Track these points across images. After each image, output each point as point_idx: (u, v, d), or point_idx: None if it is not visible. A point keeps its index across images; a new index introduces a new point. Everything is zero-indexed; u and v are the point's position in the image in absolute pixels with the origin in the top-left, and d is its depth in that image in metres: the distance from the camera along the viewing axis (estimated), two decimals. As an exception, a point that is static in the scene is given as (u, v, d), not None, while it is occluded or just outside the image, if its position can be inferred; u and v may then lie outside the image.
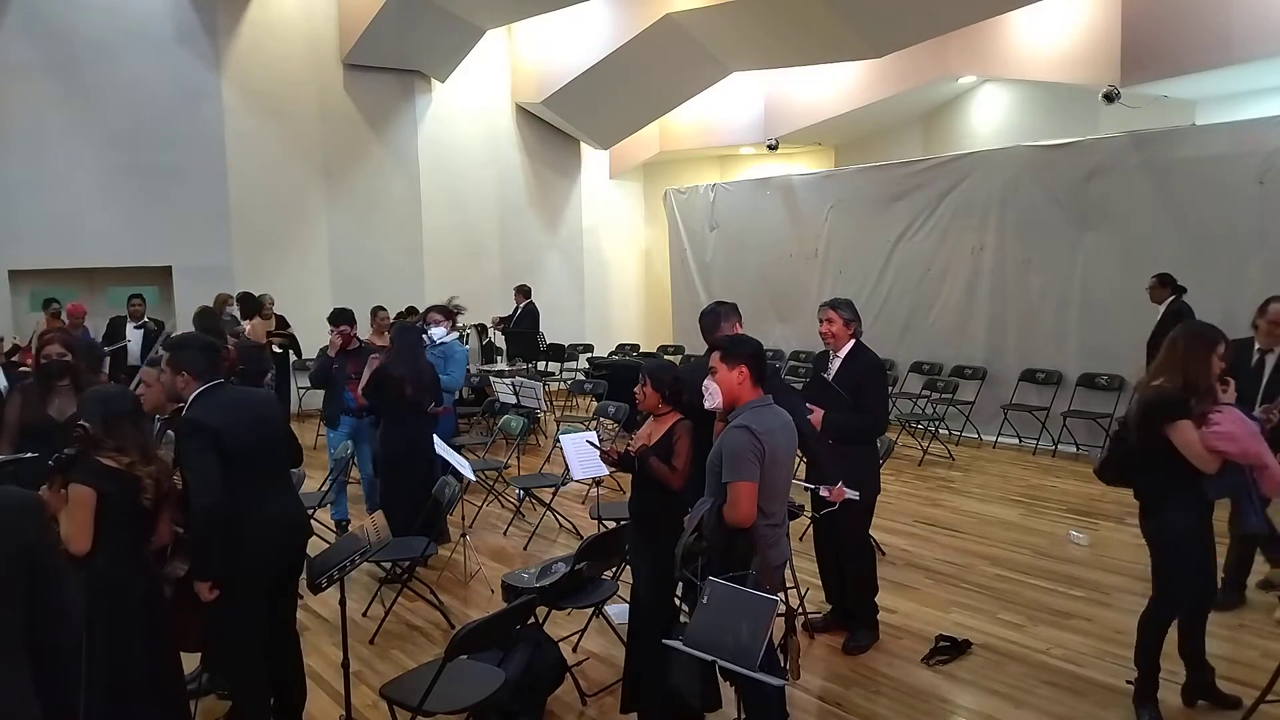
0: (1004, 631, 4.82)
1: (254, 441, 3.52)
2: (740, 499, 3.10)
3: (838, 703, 4.13)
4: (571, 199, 14.27)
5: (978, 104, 12.53)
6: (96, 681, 3.11)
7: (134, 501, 3.18)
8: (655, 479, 3.69)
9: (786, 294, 11.87)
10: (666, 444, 3.71)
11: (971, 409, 9.47)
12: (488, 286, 13.04)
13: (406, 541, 5.10)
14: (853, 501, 4.35)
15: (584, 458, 5.56)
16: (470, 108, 12.98)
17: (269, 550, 3.52)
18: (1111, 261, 8.64)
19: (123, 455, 3.17)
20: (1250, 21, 8.53)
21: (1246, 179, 7.70)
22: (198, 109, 10.80)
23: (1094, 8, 9.76)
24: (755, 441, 3.14)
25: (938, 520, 6.93)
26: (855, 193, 11.09)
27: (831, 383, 4.61)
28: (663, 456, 3.69)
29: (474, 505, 7.10)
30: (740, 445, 3.14)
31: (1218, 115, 9.81)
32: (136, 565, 3.24)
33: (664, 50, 11.34)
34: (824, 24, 9.81)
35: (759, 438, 3.15)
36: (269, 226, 11.42)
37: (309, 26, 11.55)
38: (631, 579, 4.00)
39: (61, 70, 10.02)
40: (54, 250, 10.03)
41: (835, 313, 4.64)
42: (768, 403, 3.33)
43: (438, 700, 3.14)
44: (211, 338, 4.18)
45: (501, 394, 8.62)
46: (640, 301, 15.41)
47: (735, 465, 3.12)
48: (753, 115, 13.67)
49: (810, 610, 4.89)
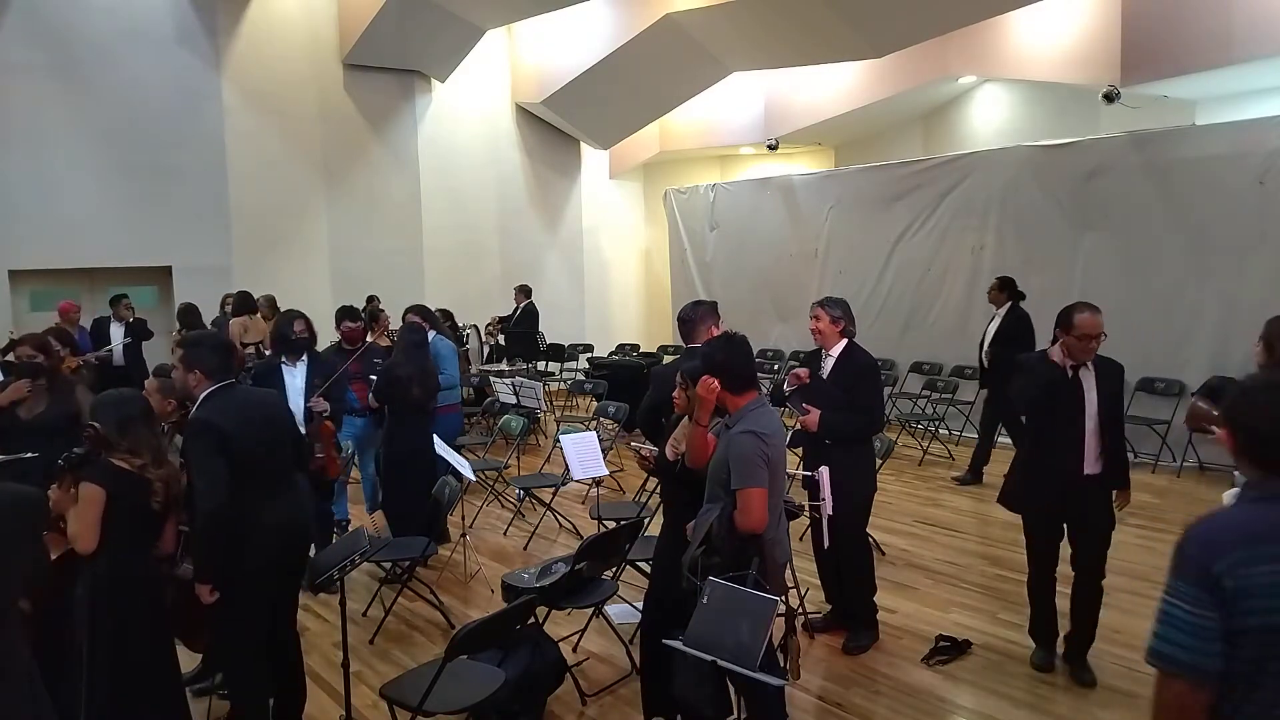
0: (1004, 631, 4.82)
1: (262, 444, 3.50)
2: (753, 505, 3.08)
3: (838, 703, 4.13)
4: (571, 199, 14.27)
5: (978, 104, 12.52)
6: (98, 681, 3.12)
7: (143, 503, 3.18)
8: (693, 481, 3.65)
9: (786, 294, 11.87)
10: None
11: (971, 409, 9.47)
12: (488, 286, 13.05)
13: (406, 541, 5.11)
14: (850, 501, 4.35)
15: (584, 458, 5.57)
16: (470, 108, 12.98)
17: (272, 554, 3.51)
18: (1111, 261, 8.64)
19: (135, 457, 3.18)
20: (1250, 21, 8.53)
21: (1246, 179, 7.70)
22: (198, 109, 10.80)
23: (1094, 8, 9.76)
24: (763, 446, 3.13)
25: (938, 520, 6.93)
26: (855, 193, 11.09)
27: (826, 382, 4.61)
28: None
29: (474, 505, 7.10)
30: (749, 451, 3.12)
31: (1218, 115, 9.80)
32: (141, 566, 3.24)
33: (664, 50, 11.33)
34: (824, 24, 9.81)
35: (765, 441, 3.15)
36: (269, 226, 11.42)
37: (309, 26, 11.55)
38: (651, 580, 3.98)
39: (61, 70, 10.02)
40: (54, 250, 10.02)
41: (823, 310, 4.66)
42: (762, 403, 3.34)
43: (438, 700, 3.14)
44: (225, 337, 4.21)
45: (501, 394, 8.62)
46: (640, 301, 15.41)
47: (746, 472, 3.10)
48: (753, 115, 13.67)
49: (810, 610, 4.89)
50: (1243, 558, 1.75)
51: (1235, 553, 1.76)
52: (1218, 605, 1.75)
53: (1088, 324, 4.01)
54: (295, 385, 5.53)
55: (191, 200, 10.80)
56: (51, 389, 4.37)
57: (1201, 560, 1.78)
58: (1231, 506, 2.04)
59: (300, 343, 5.65)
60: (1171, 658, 1.81)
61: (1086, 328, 4.00)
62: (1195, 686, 1.79)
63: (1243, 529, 1.82)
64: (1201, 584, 1.77)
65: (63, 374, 4.68)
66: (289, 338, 5.62)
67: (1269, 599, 1.74)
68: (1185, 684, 1.81)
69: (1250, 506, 1.86)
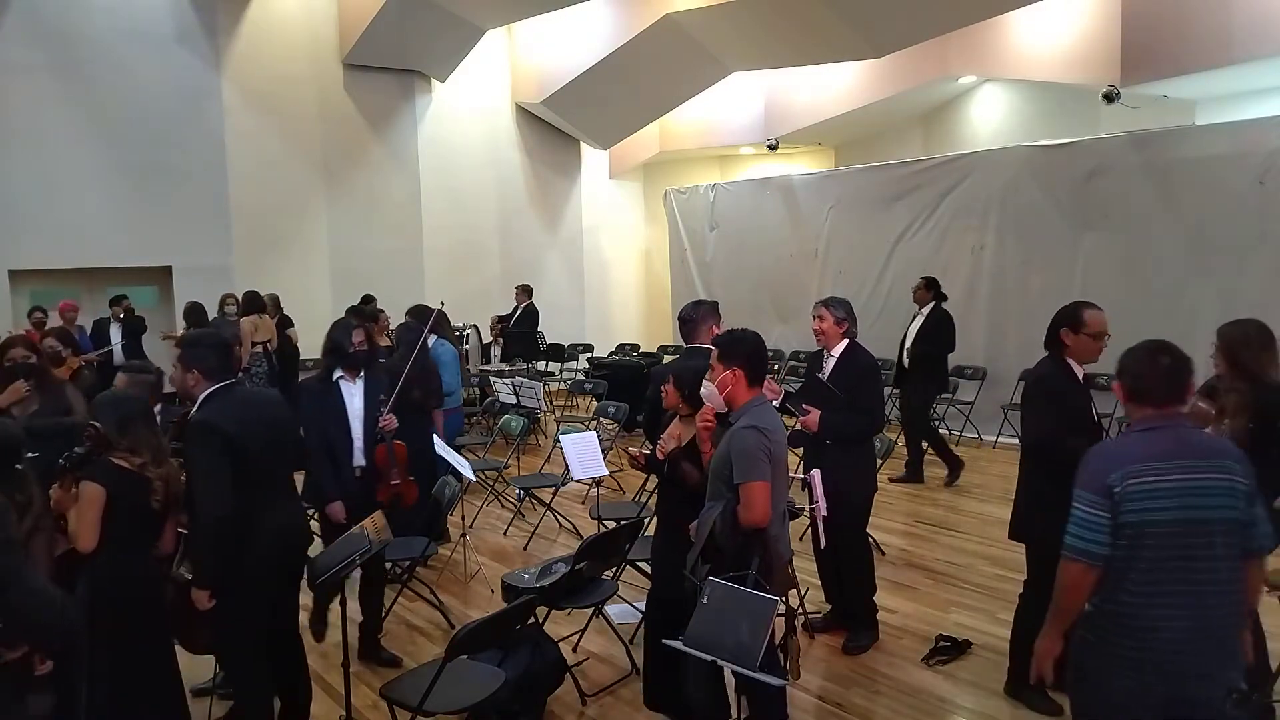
0: (1004, 631, 4.78)
1: (264, 446, 3.46)
2: (755, 499, 3.09)
3: (838, 703, 4.13)
4: (571, 199, 14.27)
5: (978, 104, 12.52)
6: (98, 680, 3.12)
7: (143, 503, 3.18)
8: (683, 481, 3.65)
9: (786, 294, 11.87)
10: (695, 444, 3.67)
11: (971, 409, 9.47)
12: (488, 286, 13.05)
13: (406, 541, 5.10)
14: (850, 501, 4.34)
15: (584, 458, 5.57)
16: (470, 108, 12.98)
17: (273, 556, 3.50)
18: (1111, 261, 8.64)
19: (135, 456, 3.19)
20: (1250, 21, 8.53)
21: (1246, 179, 7.70)
22: (198, 109, 10.80)
23: (1094, 8, 9.76)
24: (765, 440, 3.14)
25: (938, 520, 6.93)
26: (855, 193, 11.09)
27: (826, 383, 4.61)
28: (691, 457, 3.65)
29: (474, 505, 7.10)
30: (752, 445, 3.13)
31: (1218, 115, 9.81)
32: (140, 566, 3.25)
33: (664, 50, 11.34)
34: (824, 24, 9.81)
35: (768, 436, 3.15)
36: (269, 226, 11.41)
37: (309, 26, 11.55)
38: (652, 579, 3.98)
39: (62, 70, 10.02)
40: (54, 250, 10.02)
41: (827, 310, 4.65)
42: (764, 400, 3.34)
43: (438, 700, 3.14)
44: (225, 336, 4.16)
45: (501, 394, 8.62)
46: (640, 301, 15.41)
47: (748, 466, 3.11)
48: (753, 115, 13.67)
49: (810, 610, 4.89)
50: (1127, 471, 2.44)
51: (1122, 468, 2.45)
52: (1109, 507, 2.45)
53: (1099, 321, 3.77)
54: (355, 407, 4.65)
55: (191, 200, 10.80)
56: (42, 389, 4.37)
57: (1099, 473, 2.49)
58: (1120, 436, 2.83)
59: (359, 356, 4.69)
60: (1071, 545, 2.51)
61: (1099, 324, 3.76)
62: (1087, 568, 2.49)
63: (1128, 451, 2.51)
64: (1097, 491, 2.47)
65: (52, 373, 4.68)
66: (346, 350, 4.65)
67: (1140, 502, 2.42)
68: (1080, 566, 2.50)
69: (1135, 435, 2.56)
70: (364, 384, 4.71)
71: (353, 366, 4.68)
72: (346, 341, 4.66)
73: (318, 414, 4.56)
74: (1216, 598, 2.43)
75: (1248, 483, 2.48)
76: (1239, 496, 2.45)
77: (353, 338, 4.68)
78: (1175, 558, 2.42)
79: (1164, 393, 2.53)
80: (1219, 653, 2.45)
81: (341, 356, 4.67)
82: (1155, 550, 2.41)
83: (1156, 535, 2.41)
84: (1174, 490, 2.41)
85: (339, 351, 4.68)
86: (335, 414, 4.58)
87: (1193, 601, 2.42)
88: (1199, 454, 2.47)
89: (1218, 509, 2.43)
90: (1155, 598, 2.42)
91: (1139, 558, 2.43)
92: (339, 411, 4.59)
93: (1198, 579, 2.42)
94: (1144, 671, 2.43)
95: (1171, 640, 2.41)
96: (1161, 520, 2.41)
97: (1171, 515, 2.41)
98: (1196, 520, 2.42)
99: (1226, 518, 2.43)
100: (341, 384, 4.66)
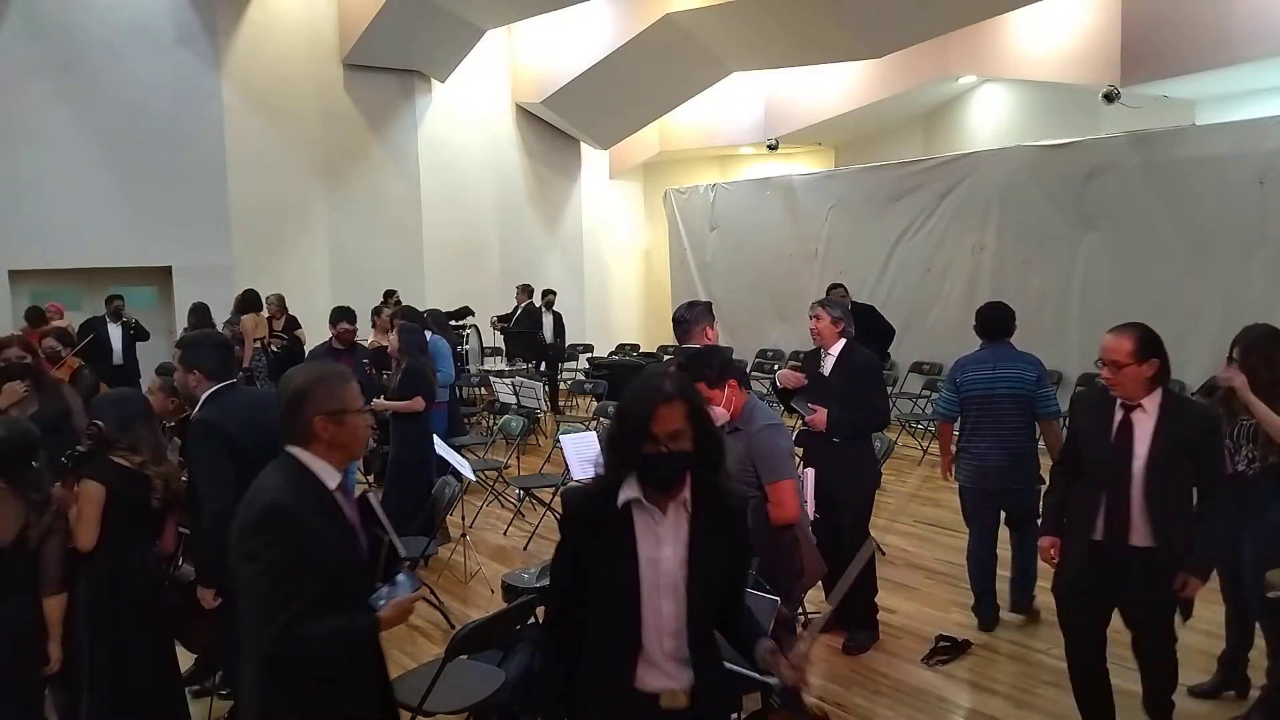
0: (1004, 631, 4.82)
1: (267, 446, 3.47)
2: (785, 496, 3.15)
3: (838, 703, 4.13)
4: (571, 199, 14.27)
5: (978, 104, 12.52)
6: (98, 680, 3.12)
7: (143, 501, 3.19)
8: None
9: (786, 294, 11.85)
10: None
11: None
12: (488, 286, 13.04)
13: (406, 541, 5.09)
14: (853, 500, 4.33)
15: (584, 458, 5.57)
16: (470, 108, 12.97)
17: None
18: (1111, 261, 8.64)
19: (135, 455, 3.19)
20: (1250, 21, 8.53)
21: (1246, 179, 7.70)
22: (198, 109, 10.79)
23: (1094, 8, 9.76)
24: (783, 438, 3.20)
25: (938, 520, 6.92)
26: (855, 193, 11.09)
27: (829, 380, 4.62)
28: None
29: (474, 505, 7.10)
30: (775, 444, 3.18)
31: (1218, 115, 9.81)
32: (140, 564, 3.25)
33: (664, 50, 11.33)
34: (824, 24, 9.82)
35: (782, 432, 3.21)
36: (269, 226, 11.41)
37: (309, 26, 11.55)
38: None
39: (61, 70, 10.01)
40: (54, 250, 10.01)
41: (824, 310, 4.70)
42: (755, 399, 3.43)
43: (438, 700, 3.15)
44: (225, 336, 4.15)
45: (501, 394, 8.62)
46: (640, 301, 15.41)
47: (775, 465, 3.16)
48: (753, 115, 13.67)
49: (810, 610, 4.88)
50: (964, 369, 4.72)
51: (964, 368, 4.72)
52: (957, 390, 4.75)
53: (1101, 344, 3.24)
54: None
55: (191, 200, 10.79)
56: (39, 388, 4.37)
57: (954, 372, 4.77)
58: (972, 352, 4.83)
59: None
60: (939, 412, 5.07)
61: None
62: (947, 424, 5.00)
63: (968, 359, 4.74)
64: (952, 382, 4.78)
65: (47, 372, 4.68)
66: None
67: (970, 387, 4.69)
68: (946, 424, 5.01)
69: (971, 354, 4.77)
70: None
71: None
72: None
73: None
74: (1011, 437, 4.58)
75: (1034, 374, 4.61)
76: (1026, 384, 4.58)
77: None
78: (985, 414, 4.62)
79: (989, 332, 4.77)
80: (1015, 469, 4.59)
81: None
82: (974, 410, 4.67)
83: (973, 401, 4.67)
84: (982, 379, 4.64)
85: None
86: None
87: (995, 439, 4.60)
88: (1002, 361, 4.65)
89: (1006, 386, 4.59)
90: (973, 436, 4.69)
91: (966, 415, 4.72)
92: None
93: (999, 427, 4.59)
94: (976, 474, 4.70)
95: (984, 458, 4.64)
96: (975, 394, 4.66)
97: (980, 391, 4.64)
98: (993, 394, 4.61)
99: (1011, 392, 4.58)
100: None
